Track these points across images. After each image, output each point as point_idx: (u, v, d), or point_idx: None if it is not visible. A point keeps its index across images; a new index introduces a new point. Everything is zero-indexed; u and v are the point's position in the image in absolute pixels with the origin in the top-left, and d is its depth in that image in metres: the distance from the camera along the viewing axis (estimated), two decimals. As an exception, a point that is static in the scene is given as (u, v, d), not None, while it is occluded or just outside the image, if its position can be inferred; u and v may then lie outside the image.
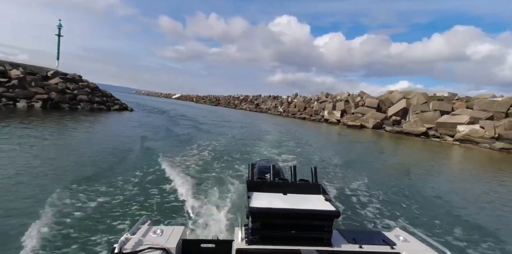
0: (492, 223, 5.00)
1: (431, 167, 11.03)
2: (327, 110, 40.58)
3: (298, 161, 9.09)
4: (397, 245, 1.60)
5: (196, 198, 4.64)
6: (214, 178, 6.08)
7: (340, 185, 6.53)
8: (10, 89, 15.74)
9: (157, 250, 1.41)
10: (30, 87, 16.70)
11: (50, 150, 7.26)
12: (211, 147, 9.95)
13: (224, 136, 13.76)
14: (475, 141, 19.91)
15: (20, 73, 16.82)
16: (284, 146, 12.14)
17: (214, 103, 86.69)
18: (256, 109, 62.76)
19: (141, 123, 15.68)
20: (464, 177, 9.90)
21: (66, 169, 5.77)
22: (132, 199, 4.48)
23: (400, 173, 9.10)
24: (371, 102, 35.23)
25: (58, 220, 3.47)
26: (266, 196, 1.71)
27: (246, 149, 10.47)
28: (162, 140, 10.74)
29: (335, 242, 1.57)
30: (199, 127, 17.00)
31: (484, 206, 6.17)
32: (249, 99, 75.75)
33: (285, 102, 57.95)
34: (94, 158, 6.93)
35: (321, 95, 51.15)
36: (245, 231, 1.57)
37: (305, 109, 49.06)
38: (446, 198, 6.42)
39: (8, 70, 16.71)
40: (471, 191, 7.56)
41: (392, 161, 11.97)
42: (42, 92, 17.03)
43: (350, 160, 10.10)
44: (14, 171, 5.27)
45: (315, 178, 1.95)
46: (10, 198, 4.09)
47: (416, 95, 30.30)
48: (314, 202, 1.68)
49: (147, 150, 8.40)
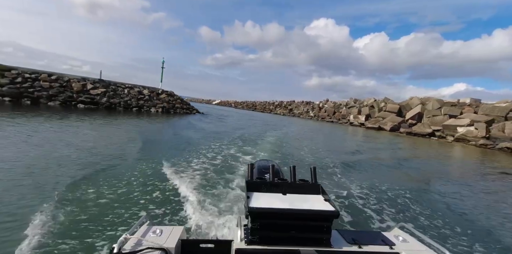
0: (491, 222, 5.05)
1: (426, 163, 12.00)
2: (352, 114, 46.40)
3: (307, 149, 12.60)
4: (396, 245, 1.61)
5: (196, 197, 4.65)
6: (215, 177, 6.16)
7: (339, 184, 6.64)
8: (146, 102, 26.86)
9: (156, 250, 1.41)
10: (154, 100, 27.77)
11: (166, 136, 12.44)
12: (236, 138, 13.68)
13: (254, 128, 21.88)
14: (467, 140, 24.81)
15: (148, 92, 28.04)
16: (300, 139, 18.26)
17: (251, 108, 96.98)
18: (289, 114, 70.19)
19: (209, 118, 25.15)
20: (461, 174, 10.32)
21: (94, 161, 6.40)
22: (132, 198, 4.43)
23: (399, 172, 9.37)
24: (392, 108, 40.24)
25: (58, 220, 3.47)
26: (266, 196, 1.71)
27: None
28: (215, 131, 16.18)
29: (334, 242, 1.58)
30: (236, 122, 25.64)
31: (484, 206, 6.20)
32: (283, 105, 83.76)
33: (316, 108, 64.37)
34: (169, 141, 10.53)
35: (350, 100, 56.54)
36: (244, 231, 1.59)
37: (334, 114, 54.92)
38: (445, 198, 6.46)
39: (142, 90, 28.06)
40: (470, 190, 7.64)
41: (392, 158, 12.48)
42: (159, 103, 27.94)
43: (350, 159, 10.75)
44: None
45: (314, 178, 1.95)
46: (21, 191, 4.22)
47: (431, 102, 34.83)
48: (314, 202, 1.69)
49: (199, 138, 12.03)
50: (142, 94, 27.50)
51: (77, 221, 3.50)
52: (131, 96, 26.06)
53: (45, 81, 20.93)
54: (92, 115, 16.93)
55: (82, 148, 7.80)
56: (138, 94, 27.01)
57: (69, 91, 21.48)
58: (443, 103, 33.59)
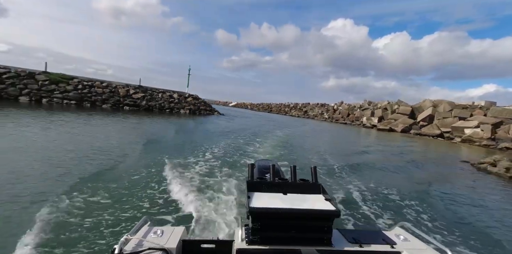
0: (493, 221, 5.09)
1: (427, 160, 12.53)
2: (365, 116, 47.79)
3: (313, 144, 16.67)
4: (397, 244, 1.61)
5: (197, 198, 4.66)
6: (216, 177, 6.19)
7: (340, 183, 6.65)
8: (176, 104, 31.08)
9: (157, 250, 1.42)
10: (183, 102, 31.93)
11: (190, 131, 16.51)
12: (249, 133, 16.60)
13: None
14: (473, 141, 25.99)
15: (177, 96, 32.28)
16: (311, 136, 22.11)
17: (266, 110, 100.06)
18: (304, 116, 72.06)
19: (227, 118, 28.53)
20: (461, 173, 10.38)
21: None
22: (133, 199, 4.44)
23: (401, 171, 9.39)
24: (404, 110, 41.30)
25: (59, 220, 3.47)
26: (266, 196, 1.72)
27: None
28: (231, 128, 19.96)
29: (335, 241, 1.58)
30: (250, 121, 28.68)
31: (485, 205, 6.22)
32: (298, 107, 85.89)
33: (331, 110, 65.94)
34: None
35: (364, 103, 57.62)
36: (245, 231, 1.60)
37: (348, 116, 56.22)
38: (447, 196, 6.47)
39: (173, 94, 32.37)
40: (469, 188, 7.71)
41: (394, 157, 12.72)
42: (187, 105, 32.03)
43: (353, 158, 10.91)
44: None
45: (315, 178, 1.96)
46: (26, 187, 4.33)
47: (443, 104, 35.72)
48: (314, 202, 1.69)
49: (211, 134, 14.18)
50: (172, 98, 31.76)
51: (78, 221, 3.49)
52: (164, 99, 30.39)
53: (99, 88, 25.62)
54: (136, 115, 21.18)
55: (114, 141, 9.33)
56: (169, 98, 31.32)
57: (117, 96, 26.06)
58: (454, 106, 34.40)
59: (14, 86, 20.08)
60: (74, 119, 13.60)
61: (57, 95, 22.01)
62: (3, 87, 19.46)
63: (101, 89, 25.50)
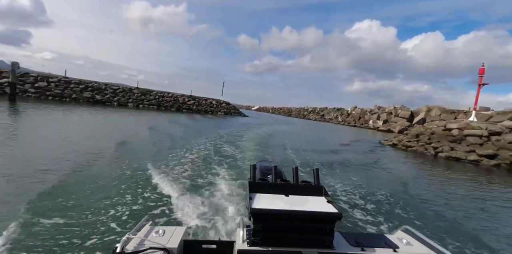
0: (496, 225, 5.06)
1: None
2: (372, 120, 54.47)
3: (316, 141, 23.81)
4: (400, 248, 1.60)
5: (198, 198, 4.68)
6: (217, 177, 6.25)
7: (342, 185, 6.65)
8: (215, 108, 42.09)
9: (158, 250, 1.43)
10: (219, 107, 42.92)
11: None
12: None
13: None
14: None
15: (215, 102, 43.40)
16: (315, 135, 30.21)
17: (286, 114, 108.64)
18: (320, 119, 78.71)
19: (251, 118, 38.15)
20: (461, 177, 10.22)
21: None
22: (135, 198, 4.46)
23: (400, 174, 9.46)
24: (404, 114, 47.56)
25: (59, 220, 3.47)
26: (268, 197, 1.72)
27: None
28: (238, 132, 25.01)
29: (337, 244, 1.58)
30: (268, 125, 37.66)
31: (488, 208, 6.24)
32: (316, 111, 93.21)
33: (345, 114, 72.59)
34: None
35: (374, 108, 63.82)
36: (246, 232, 1.61)
37: (359, 119, 62.90)
38: (449, 200, 6.52)
39: (212, 101, 43.58)
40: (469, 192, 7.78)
41: (394, 157, 13.15)
42: (222, 109, 42.88)
43: (353, 159, 11.07)
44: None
45: (317, 180, 1.95)
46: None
47: (434, 109, 41.84)
48: (316, 204, 1.69)
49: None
50: (212, 104, 42.87)
51: (80, 220, 3.52)
52: (207, 105, 41.63)
53: (167, 97, 37.53)
54: (190, 114, 32.54)
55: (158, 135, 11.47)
56: (210, 104, 42.45)
57: (178, 103, 37.86)
58: (444, 111, 40.35)
59: (124, 97, 32.85)
60: (157, 115, 25.05)
61: (145, 102, 34.37)
62: (118, 98, 32.06)
63: (168, 98, 37.39)
